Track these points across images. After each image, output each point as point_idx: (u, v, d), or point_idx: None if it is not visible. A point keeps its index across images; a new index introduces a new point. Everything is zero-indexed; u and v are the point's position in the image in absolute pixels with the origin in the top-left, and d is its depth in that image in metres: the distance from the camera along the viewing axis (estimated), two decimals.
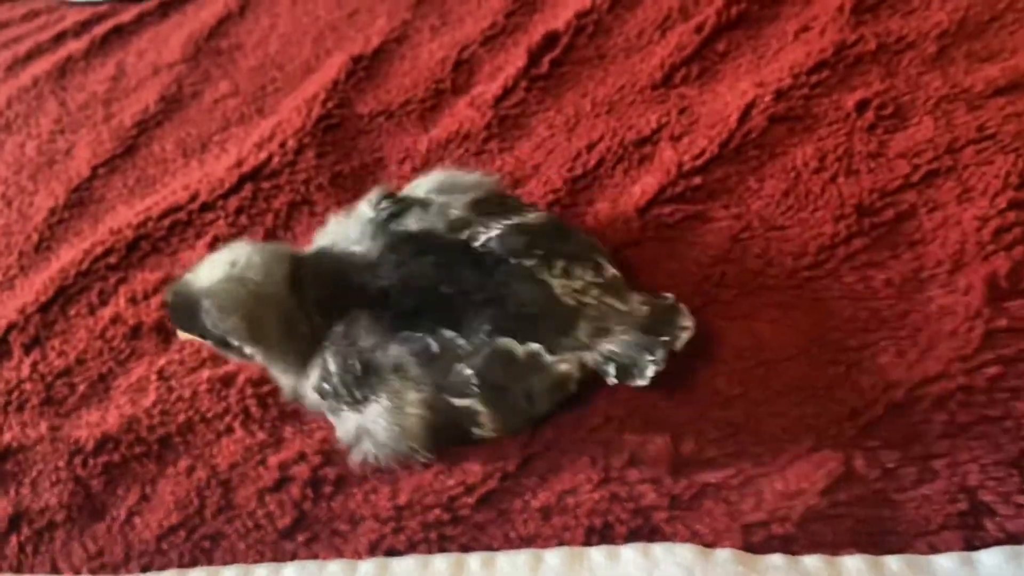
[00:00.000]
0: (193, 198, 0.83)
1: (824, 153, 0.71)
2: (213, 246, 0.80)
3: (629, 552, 0.53)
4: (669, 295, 0.61)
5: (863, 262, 0.64)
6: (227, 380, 0.70)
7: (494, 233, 0.60)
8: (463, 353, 0.57)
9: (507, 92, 0.84)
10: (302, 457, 0.64)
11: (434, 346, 0.58)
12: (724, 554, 0.51)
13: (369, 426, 0.60)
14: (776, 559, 0.51)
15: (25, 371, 0.75)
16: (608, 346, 0.57)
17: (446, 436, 0.60)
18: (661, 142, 0.75)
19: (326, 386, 0.61)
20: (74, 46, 1.10)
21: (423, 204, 0.64)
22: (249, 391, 0.69)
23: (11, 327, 0.78)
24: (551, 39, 0.87)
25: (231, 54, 1.02)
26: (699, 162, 0.72)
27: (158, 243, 0.82)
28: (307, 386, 0.63)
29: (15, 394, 0.74)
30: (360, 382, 0.59)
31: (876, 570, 0.50)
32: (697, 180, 0.71)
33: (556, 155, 0.78)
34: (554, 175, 0.76)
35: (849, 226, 0.66)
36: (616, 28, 0.88)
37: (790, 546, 0.52)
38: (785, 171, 0.71)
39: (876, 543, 0.52)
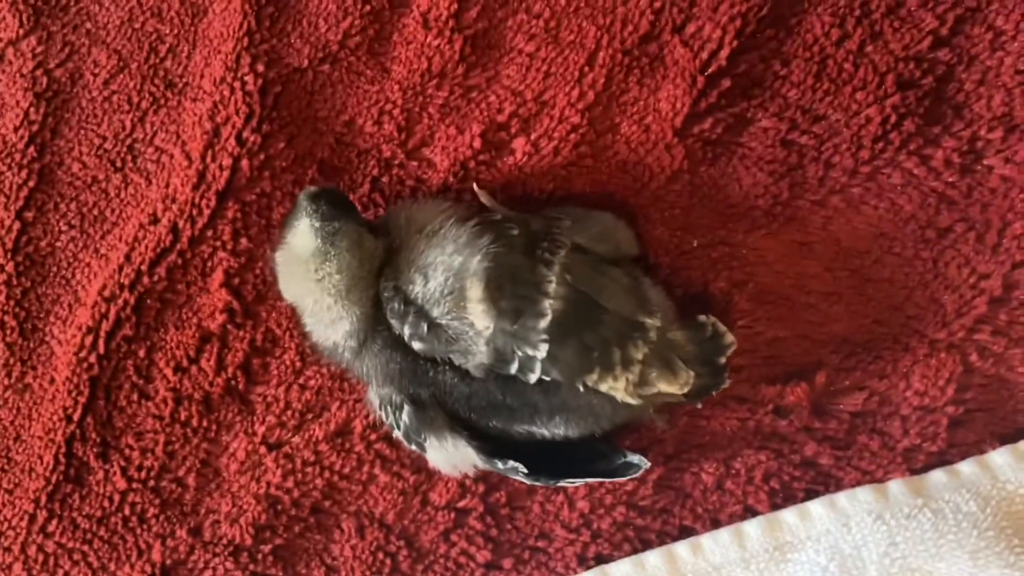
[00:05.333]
0: (175, 234, 0.75)
1: (842, 18, 0.68)
2: (227, 284, 0.74)
3: (818, 508, 0.61)
4: (703, 318, 0.60)
5: (918, 144, 0.66)
6: (343, 431, 0.71)
7: (540, 357, 0.57)
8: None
9: (463, 3, 0.74)
10: (465, 490, 0.68)
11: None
12: (896, 486, 0.60)
13: None
14: (939, 476, 0.60)
15: (120, 482, 0.73)
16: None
17: None
18: (664, 35, 0.70)
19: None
20: None
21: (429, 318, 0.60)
22: (372, 436, 0.70)
23: (71, 438, 0.74)
24: None
25: (86, 24, 0.83)
26: (722, 61, 0.68)
27: (165, 296, 0.75)
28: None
29: (126, 509, 0.72)
30: None
31: (1020, 459, 0.60)
32: (726, 83, 0.68)
33: (555, 78, 0.71)
34: (566, 108, 0.70)
35: (895, 105, 0.66)
36: None
37: (945, 458, 0.62)
38: (807, 48, 0.68)
39: (1008, 425, 0.62)
